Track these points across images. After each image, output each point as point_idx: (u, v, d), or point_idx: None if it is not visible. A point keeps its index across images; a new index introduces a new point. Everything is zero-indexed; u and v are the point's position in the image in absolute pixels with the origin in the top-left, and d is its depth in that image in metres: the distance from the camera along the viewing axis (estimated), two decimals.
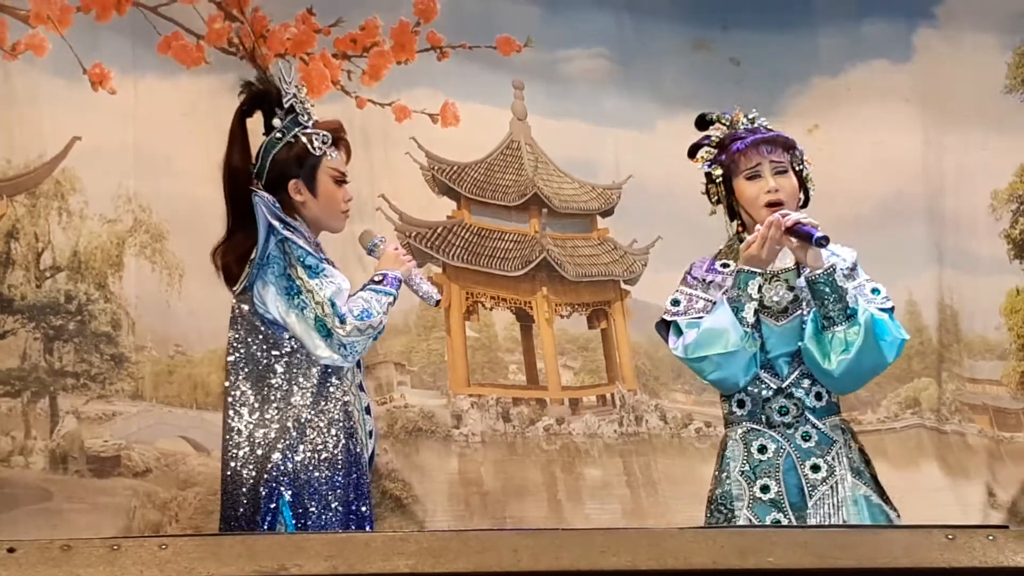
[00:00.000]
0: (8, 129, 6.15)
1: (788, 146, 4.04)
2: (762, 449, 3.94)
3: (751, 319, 3.88)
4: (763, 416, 3.96)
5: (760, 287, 3.90)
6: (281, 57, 6.40)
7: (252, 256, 3.85)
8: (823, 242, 3.80)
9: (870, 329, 3.84)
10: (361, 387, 4.00)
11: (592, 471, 6.64)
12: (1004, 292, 7.02)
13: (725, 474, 3.96)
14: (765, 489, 3.90)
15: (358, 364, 3.98)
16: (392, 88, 6.61)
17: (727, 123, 4.12)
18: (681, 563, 2.57)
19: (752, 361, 3.91)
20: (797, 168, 4.07)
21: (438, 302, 4.13)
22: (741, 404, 3.99)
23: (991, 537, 2.64)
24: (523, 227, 6.87)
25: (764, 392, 3.96)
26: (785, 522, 3.86)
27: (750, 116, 4.13)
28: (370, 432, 3.99)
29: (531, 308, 6.81)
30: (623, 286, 6.93)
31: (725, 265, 4.05)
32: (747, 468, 3.94)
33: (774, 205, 3.95)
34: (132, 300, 6.23)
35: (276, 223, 3.81)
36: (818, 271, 3.84)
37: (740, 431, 3.98)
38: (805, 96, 6.68)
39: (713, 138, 4.11)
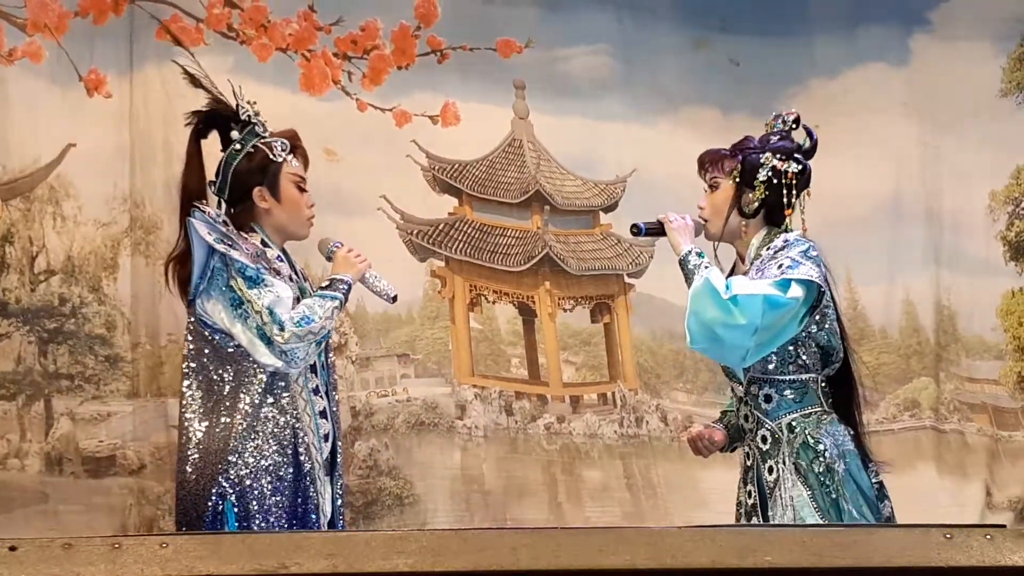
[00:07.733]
0: (3, 133, 6.14)
1: (715, 160, 4.05)
2: (746, 456, 4.04)
3: None
4: (741, 426, 4.06)
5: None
6: (283, 52, 6.42)
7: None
8: (633, 230, 4.07)
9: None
10: (316, 391, 4.02)
11: (592, 473, 6.63)
12: (999, 294, 7.01)
13: (739, 481, 4.08)
14: (750, 495, 3.99)
15: (313, 369, 4.01)
16: (392, 92, 6.59)
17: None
18: (679, 562, 2.57)
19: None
20: (735, 177, 4.01)
21: (394, 298, 4.17)
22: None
23: (989, 536, 2.65)
24: (525, 224, 6.86)
25: (736, 403, 4.08)
26: None
27: (768, 122, 4.13)
28: (326, 436, 4.02)
29: (534, 302, 6.79)
30: (627, 280, 6.92)
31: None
32: (740, 475, 4.06)
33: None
34: (127, 300, 6.21)
35: (210, 239, 3.88)
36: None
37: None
38: (803, 98, 6.67)
39: None
